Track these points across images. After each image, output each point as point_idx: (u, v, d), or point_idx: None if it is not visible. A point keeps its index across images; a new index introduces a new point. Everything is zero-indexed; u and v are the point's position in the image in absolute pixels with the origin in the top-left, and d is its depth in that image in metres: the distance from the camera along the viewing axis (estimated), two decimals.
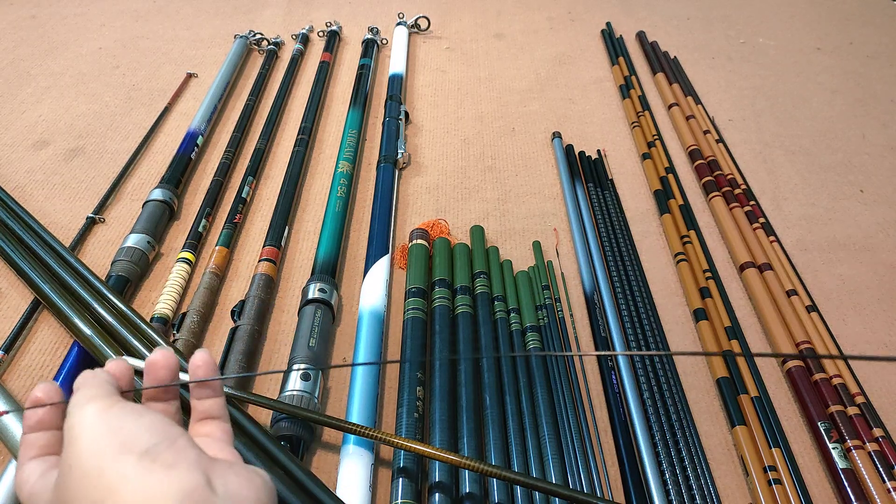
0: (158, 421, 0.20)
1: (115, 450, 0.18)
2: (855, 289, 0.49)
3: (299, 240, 0.52)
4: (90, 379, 0.22)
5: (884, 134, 0.66)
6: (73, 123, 0.65)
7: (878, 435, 0.37)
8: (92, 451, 0.18)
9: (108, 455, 0.18)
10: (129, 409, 0.20)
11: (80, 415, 0.20)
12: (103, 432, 0.19)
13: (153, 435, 0.19)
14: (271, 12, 0.87)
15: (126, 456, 0.18)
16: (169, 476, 0.17)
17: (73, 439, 0.19)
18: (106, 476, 0.18)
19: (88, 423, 0.19)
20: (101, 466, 0.18)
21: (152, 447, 0.18)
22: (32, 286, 0.43)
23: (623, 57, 0.76)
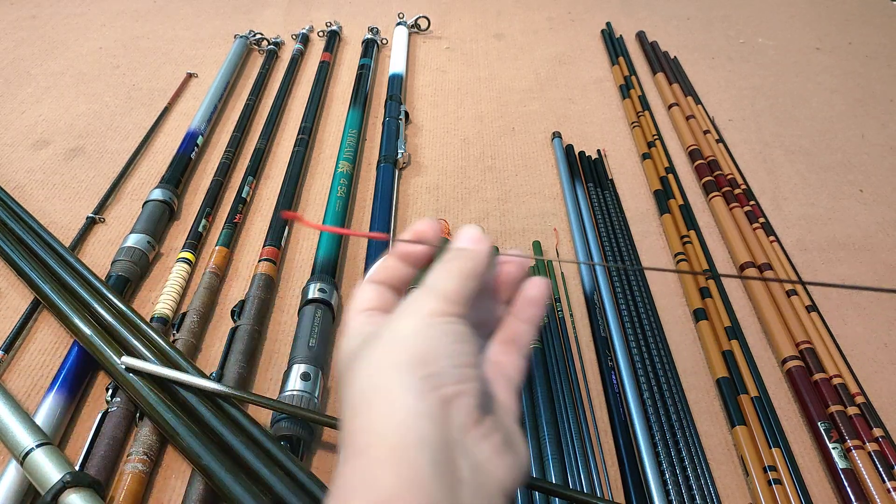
0: (466, 354, 0.18)
1: (414, 357, 0.17)
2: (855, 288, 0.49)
3: (299, 240, 0.52)
4: (465, 266, 0.20)
5: (883, 134, 0.66)
6: (74, 123, 0.65)
7: (878, 435, 0.37)
8: (398, 340, 0.18)
9: (405, 356, 0.17)
10: (453, 329, 0.18)
11: (418, 303, 0.19)
12: (417, 334, 0.18)
13: (451, 364, 0.18)
14: (271, 12, 0.87)
15: (417, 368, 0.17)
16: (437, 412, 0.16)
17: (397, 317, 0.19)
18: (391, 372, 0.17)
19: (416, 316, 0.18)
20: (394, 360, 0.17)
21: (443, 374, 0.17)
22: (32, 286, 0.43)
23: (623, 57, 0.76)
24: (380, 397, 0.17)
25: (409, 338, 0.18)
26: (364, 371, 0.18)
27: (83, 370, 0.39)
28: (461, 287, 0.19)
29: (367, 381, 0.17)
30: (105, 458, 0.34)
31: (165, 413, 0.34)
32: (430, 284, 0.20)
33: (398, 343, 0.18)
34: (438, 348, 0.18)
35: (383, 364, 0.18)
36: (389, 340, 0.18)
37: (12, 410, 0.35)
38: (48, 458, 0.32)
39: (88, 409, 0.38)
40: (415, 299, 0.19)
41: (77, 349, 0.39)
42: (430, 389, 0.17)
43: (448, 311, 0.19)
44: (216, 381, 0.36)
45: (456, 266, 0.20)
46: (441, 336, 0.18)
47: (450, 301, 0.19)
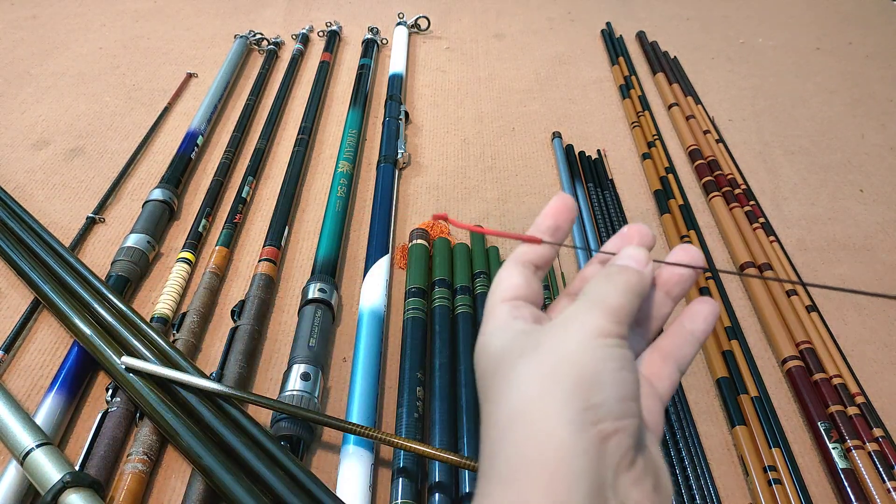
0: (630, 383, 0.16)
1: (575, 384, 0.15)
2: (854, 288, 0.48)
3: (299, 240, 0.52)
4: (632, 280, 0.18)
5: (882, 134, 0.66)
6: (74, 123, 0.65)
7: (878, 435, 0.37)
8: (559, 360, 0.16)
9: (566, 383, 0.16)
10: (619, 354, 0.17)
11: (583, 319, 0.17)
12: (582, 358, 0.16)
13: (615, 397, 0.16)
14: (271, 12, 0.87)
15: (577, 398, 0.15)
16: (594, 449, 0.15)
17: (559, 332, 0.17)
18: (548, 398, 0.15)
19: (581, 336, 0.16)
20: (552, 383, 0.16)
21: (604, 407, 0.15)
22: (32, 286, 0.43)
23: (623, 57, 0.76)
24: (535, 422, 0.15)
25: (574, 359, 0.16)
26: (519, 386, 0.16)
27: (83, 370, 0.39)
28: (628, 304, 0.18)
29: (522, 399, 0.16)
30: (105, 459, 0.34)
31: (165, 413, 0.34)
32: (595, 297, 0.18)
33: (561, 363, 0.16)
34: (603, 375, 0.16)
35: (543, 385, 0.16)
36: (551, 357, 0.16)
37: (12, 410, 0.35)
38: (48, 458, 0.32)
39: (88, 409, 0.38)
40: (580, 312, 0.17)
41: (77, 349, 0.39)
42: (590, 423, 0.15)
43: (615, 331, 0.17)
44: (216, 381, 0.36)
45: (623, 280, 0.18)
46: (607, 361, 0.16)
47: (617, 319, 0.17)
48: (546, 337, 0.17)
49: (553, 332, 0.17)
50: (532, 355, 0.17)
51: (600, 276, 0.19)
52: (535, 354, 0.17)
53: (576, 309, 0.18)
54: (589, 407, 0.16)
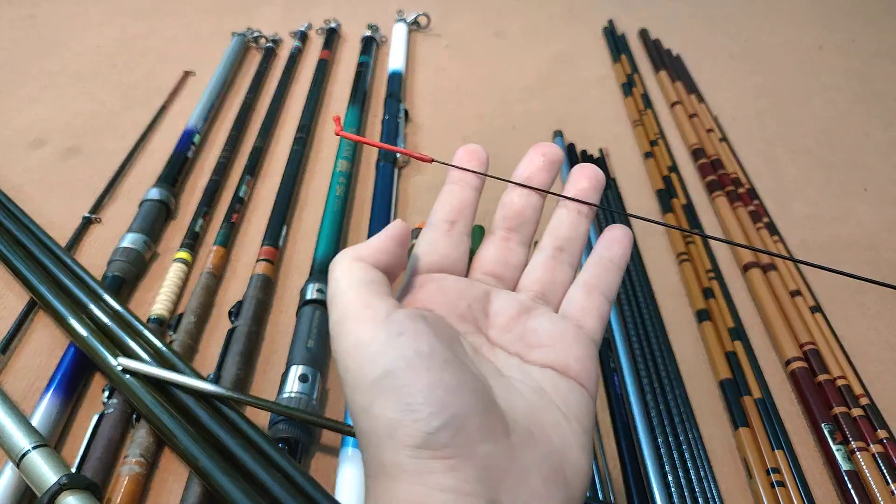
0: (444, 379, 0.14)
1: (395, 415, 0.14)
2: (859, 288, 0.48)
3: (297, 240, 0.51)
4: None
5: (887, 132, 0.66)
6: (70, 122, 0.64)
7: (882, 437, 0.37)
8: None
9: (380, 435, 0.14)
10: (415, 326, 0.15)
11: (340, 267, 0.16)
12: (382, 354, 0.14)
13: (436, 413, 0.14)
14: (269, 10, 0.86)
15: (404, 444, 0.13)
16: (443, 481, 0.13)
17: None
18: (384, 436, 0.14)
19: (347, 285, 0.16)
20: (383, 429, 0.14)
21: (431, 433, 0.13)
22: (28, 287, 0.43)
23: (625, 55, 0.76)
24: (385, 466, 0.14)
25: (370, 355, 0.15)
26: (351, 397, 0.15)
27: (79, 372, 0.39)
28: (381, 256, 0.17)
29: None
30: (102, 461, 0.34)
31: (162, 415, 0.34)
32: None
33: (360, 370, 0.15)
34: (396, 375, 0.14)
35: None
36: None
37: (8, 412, 0.34)
38: (44, 461, 0.32)
39: (85, 410, 0.38)
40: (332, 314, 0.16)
41: (73, 350, 0.39)
42: (428, 458, 0.13)
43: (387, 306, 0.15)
44: (213, 383, 0.36)
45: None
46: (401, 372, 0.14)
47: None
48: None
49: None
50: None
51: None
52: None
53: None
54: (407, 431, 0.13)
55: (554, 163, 0.21)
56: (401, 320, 0.15)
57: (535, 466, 0.15)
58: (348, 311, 0.16)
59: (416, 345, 0.15)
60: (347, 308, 0.16)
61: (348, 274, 0.17)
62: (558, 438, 0.16)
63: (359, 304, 0.16)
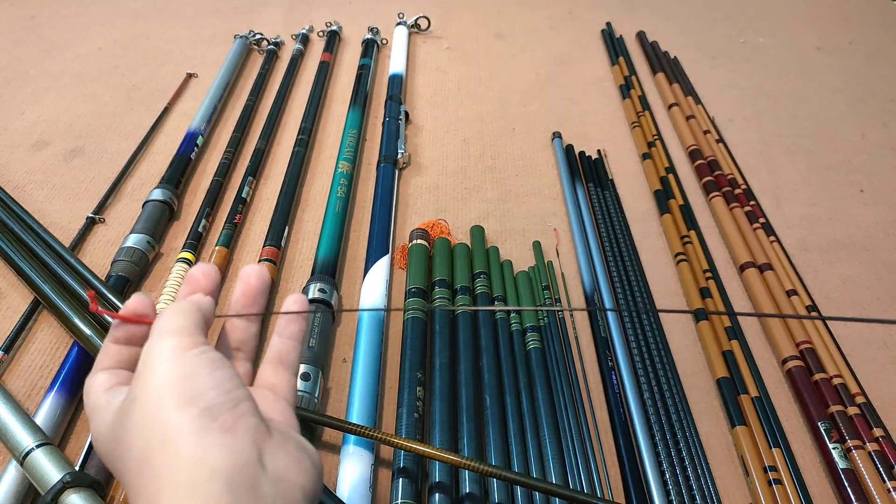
0: (228, 378, 0.18)
1: (180, 398, 0.17)
2: (855, 289, 0.48)
3: (299, 240, 0.52)
4: (184, 305, 0.20)
5: (884, 133, 0.66)
6: (73, 124, 0.65)
7: (878, 435, 0.37)
8: (158, 390, 0.18)
9: (172, 401, 0.17)
10: (206, 359, 0.19)
11: (159, 347, 0.19)
12: (174, 376, 0.18)
13: (219, 392, 0.18)
14: (271, 12, 0.87)
15: (188, 408, 0.17)
16: (222, 441, 0.17)
17: (145, 370, 0.19)
18: (164, 421, 0.17)
19: (164, 359, 0.18)
20: (162, 409, 0.17)
21: (215, 405, 0.17)
22: (32, 286, 0.43)
23: (623, 57, 0.76)
24: (160, 446, 0.17)
25: (167, 380, 0.18)
26: (133, 433, 0.18)
27: (83, 370, 0.39)
28: (190, 320, 0.20)
29: (141, 439, 0.17)
30: None
31: None
32: (158, 329, 0.19)
33: (159, 390, 0.18)
34: (199, 381, 0.18)
35: (153, 416, 0.17)
36: (148, 393, 0.18)
37: (12, 411, 0.35)
38: (48, 459, 0.32)
39: None
40: (152, 347, 0.19)
41: (77, 349, 0.39)
42: (208, 422, 0.17)
43: (190, 342, 0.19)
44: None
45: (175, 308, 0.20)
46: (197, 368, 0.18)
47: (186, 333, 0.19)
48: (136, 384, 0.19)
49: (139, 376, 0.19)
50: (132, 404, 0.18)
51: (161, 315, 0.20)
52: (133, 403, 0.18)
53: (148, 347, 0.19)
54: (200, 411, 0.17)
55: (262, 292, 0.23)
56: (208, 345, 0.20)
57: (290, 440, 0.19)
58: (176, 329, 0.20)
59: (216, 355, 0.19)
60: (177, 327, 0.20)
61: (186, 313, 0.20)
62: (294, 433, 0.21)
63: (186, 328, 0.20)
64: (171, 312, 0.20)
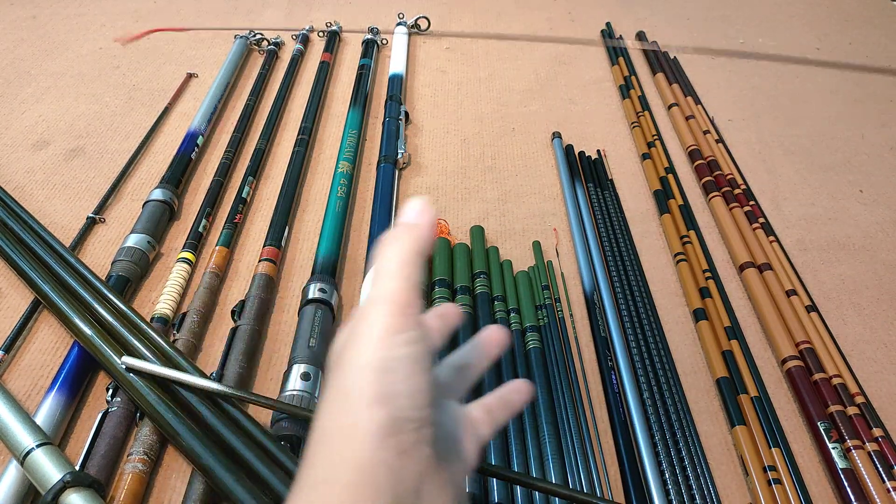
0: (423, 391, 0.17)
1: (376, 392, 0.16)
2: (854, 288, 0.49)
3: (299, 240, 0.52)
4: (407, 254, 0.18)
5: (883, 134, 0.66)
6: (74, 123, 0.65)
7: (877, 435, 0.37)
8: (360, 367, 0.17)
9: (367, 391, 0.16)
10: (409, 356, 0.17)
11: (373, 317, 0.17)
12: (376, 363, 0.17)
13: (411, 405, 0.16)
14: (271, 12, 0.87)
15: (378, 409, 0.16)
16: (396, 462, 0.16)
17: (356, 336, 0.17)
18: (354, 407, 0.16)
19: (372, 337, 0.17)
20: (357, 391, 0.16)
21: (403, 417, 0.16)
22: (32, 286, 0.43)
23: (623, 57, 0.76)
24: (342, 434, 0.16)
25: (370, 362, 0.17)
26: (330, 400, 0.17)
27: (83, 370, 0.39)
28: (406, 283, 0.18)
29: (331, 414, 0.17)
30: (105, 458, 0.34)
31: (166, 413, 0.34)
32: (376, 294, 0.18)
33: (360, 368, 0.17)
34: (396, 382, 0.17)
35: (348, 390, 0.17)
36: (351, 370, 0.17)
37: (13, 410, 0.35)
38: (48, 458, 0.32)
39: (89, 409, 0.39)
40: (368, 314, 0.18)
41: (77, 349, 0.39)
42: (390, 434, 0.16)
43: (403, 324, 0.17)
44: (216, 381, 0.36)
45: (395, 254, 0.18)
46: (398, 365, 0.17)
47: (401, 306, 0.17)
48: (350, 346, 0.17)
49: (353, 340, 0.18)
50: (339, 369, 0.17)
51: (377, 261, 0.19)
52: (340, 369, 0.17)
53: (364, 312, 0.18)
54: (388, 419, 0.16)
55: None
56: (424, 332, 0.18)
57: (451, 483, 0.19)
58: (391, 298, 0.18)
59: (424, 354, 0.18)
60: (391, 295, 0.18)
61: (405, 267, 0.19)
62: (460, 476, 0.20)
63: (403, 298, 0.18)
64: (388, 267, 0.18)
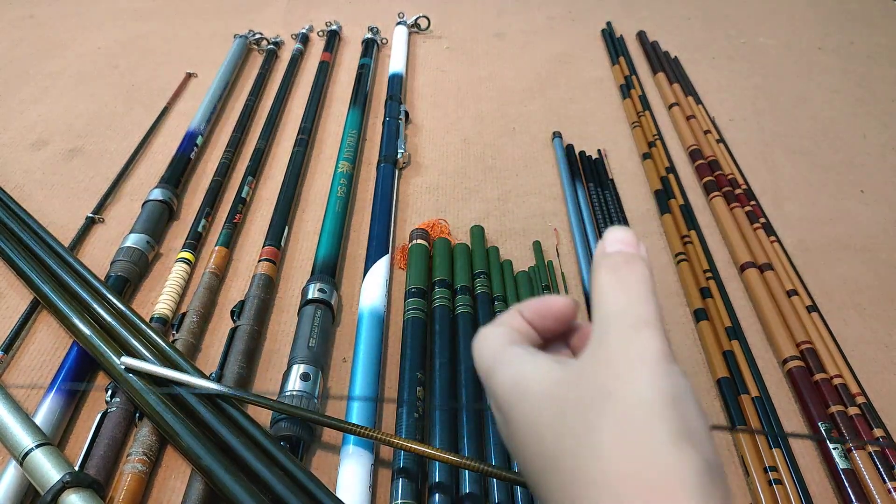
0: (704, 417, 0.15)
1: (676, 427, 0.13)
2: (856, 289, 0.48)
3: (299, 240, 0.52)
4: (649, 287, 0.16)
5: (884, 134, 0.66)
6: (73, 123, 0.65)
7: (878, 435, 0.37)
8: (645, 401, 0.14)
9: (665, 427, 0.13)
10: (686, 383, 0.15)
11: (642, 343, 0.15)
12: (664, 392, 0.14)
13: (707, 437, 0.14)
14: (271, 12, 0.87)
15: (686, 446, 0.13)
16: (693, 453, 0.13)
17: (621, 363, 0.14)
18: (649, 448, 0.13)
19: (649, 362, 0.14)
20: (649, 430, 0.13)
21: (710, 462, 0.13)
22: (32, 286, 0.43)
23: (623, 56, 0.76)
24: (630, 476, 0.13)
25: (656, 394, 0.14)
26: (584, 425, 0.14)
27: (82, 370, 0.39)
28: (656, 306, 0.16)
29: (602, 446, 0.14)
30: (104, 459, 0.34)
31: (165, 413, 0.34)
32: (632, 314, 0.15)
33: (646, 401, 0.14)
34: (689, 411, 0.14)
35: (632, 431, 0.14)
36: (629, 397, 0.14)
37: (12, 411, 0.35)
38: (48, 459, 0.32)
39: (88, 409, 0.38)
40: (632, 341, 0.15)
41: (76, 349, 0.39)
42: (709, 478, 0.13)
43: (669, 352, 0.15)
44: (216, 382, 0.36)
45: (634, 278, 0.16)
46: (684, 393, 0.14)
47: (661, 333, 0.15)
48: (608, 379, 0.15)
49: (612, 370, 0.15)
50: (605, 407, 0.14)
51: (614, 284, 0.16)
52: (603, 407, 0.14)
53: (622, 338, 0.15)
54: (690, 437, 0.14)
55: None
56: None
57: None
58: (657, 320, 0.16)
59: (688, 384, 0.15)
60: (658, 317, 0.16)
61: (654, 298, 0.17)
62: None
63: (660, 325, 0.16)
64: (636, 290, 0.16)
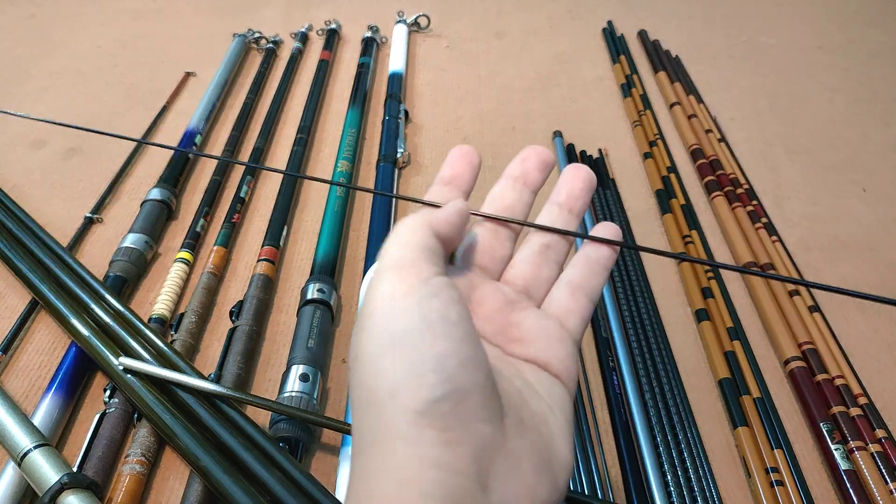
0: (453, 353, 0.14)
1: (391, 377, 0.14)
2: (857, 287, 0.48)
3: (298, 240, 0.51)
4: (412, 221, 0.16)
5: (886, 133, 0.66)
6: (72, 122, 0.65)
7: (880, 436, 0.37)
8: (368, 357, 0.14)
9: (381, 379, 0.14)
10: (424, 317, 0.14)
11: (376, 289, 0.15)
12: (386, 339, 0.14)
13: (440, 381, 0.13)
14: (270, 11, 0.87)
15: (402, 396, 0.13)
16: (439, 456, 0.13)
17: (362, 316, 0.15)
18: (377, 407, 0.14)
19: (377, 309, 0.15)
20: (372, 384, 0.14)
21: (431, 399, 0.13)
22: (30, 286, 0.43)
23: (624, 55, 0.76)
24: (373, 442, 0.14)
25: (381, 343, 0.14)
26: (355, 404, 0.15)
27: (81, 371, 0.39)
28: (415, 247, 0.16)
29: (359, 418, 0.14)
30: (103, 460, 0.34)
31: (163, 414, 0.34)
32: (380, 262, 0.16)
33: (370, 363, 0.14)
34: (416, 357, 0.14)
35: (369, 393, 0.14)
36: (361, 360, 0.15)
37: (9, 411, 0.35)
38: (46, 460, 0.32)
39: (86, 410, 0.38)
40: (372, 286, 0.15)
41: (75, 350, 0.39)
42: (425, 425, 0.13)
43: (409, 287, 0.15)
44: (214, 382, 0.36)
45: (403, 226, 0.17)
46: (416, 338, 0.14)
47: (405, 268, 0.15)
48: (357, 326, 0.15)
49: (359, 319, 0.16)
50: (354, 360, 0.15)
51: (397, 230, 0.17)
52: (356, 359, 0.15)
53: (373, 279, 0.16)
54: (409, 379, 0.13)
55: (546, 164, 0.21)
56: (438, 285, 0.15)
57: (527, 455, 0.15)
58: (395, 263, 0.16)
59: (444, 310, 0.15)
60: (396, 260, 0.16)
61: (411, 233, 0.16)
62: (546, 429, 0.16)
63: (407, 260, 0.16)
64: (398, 233, 0.16)
